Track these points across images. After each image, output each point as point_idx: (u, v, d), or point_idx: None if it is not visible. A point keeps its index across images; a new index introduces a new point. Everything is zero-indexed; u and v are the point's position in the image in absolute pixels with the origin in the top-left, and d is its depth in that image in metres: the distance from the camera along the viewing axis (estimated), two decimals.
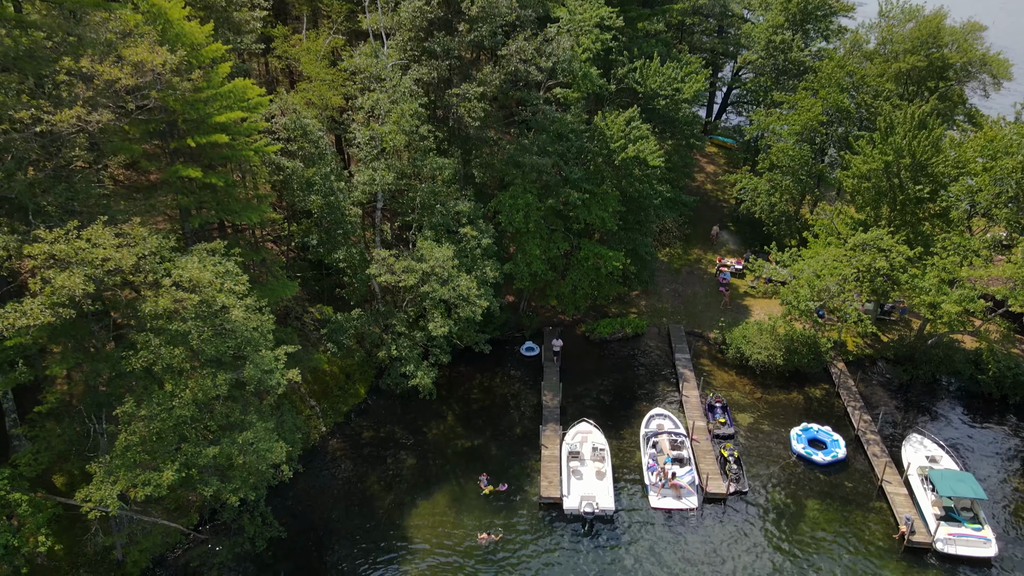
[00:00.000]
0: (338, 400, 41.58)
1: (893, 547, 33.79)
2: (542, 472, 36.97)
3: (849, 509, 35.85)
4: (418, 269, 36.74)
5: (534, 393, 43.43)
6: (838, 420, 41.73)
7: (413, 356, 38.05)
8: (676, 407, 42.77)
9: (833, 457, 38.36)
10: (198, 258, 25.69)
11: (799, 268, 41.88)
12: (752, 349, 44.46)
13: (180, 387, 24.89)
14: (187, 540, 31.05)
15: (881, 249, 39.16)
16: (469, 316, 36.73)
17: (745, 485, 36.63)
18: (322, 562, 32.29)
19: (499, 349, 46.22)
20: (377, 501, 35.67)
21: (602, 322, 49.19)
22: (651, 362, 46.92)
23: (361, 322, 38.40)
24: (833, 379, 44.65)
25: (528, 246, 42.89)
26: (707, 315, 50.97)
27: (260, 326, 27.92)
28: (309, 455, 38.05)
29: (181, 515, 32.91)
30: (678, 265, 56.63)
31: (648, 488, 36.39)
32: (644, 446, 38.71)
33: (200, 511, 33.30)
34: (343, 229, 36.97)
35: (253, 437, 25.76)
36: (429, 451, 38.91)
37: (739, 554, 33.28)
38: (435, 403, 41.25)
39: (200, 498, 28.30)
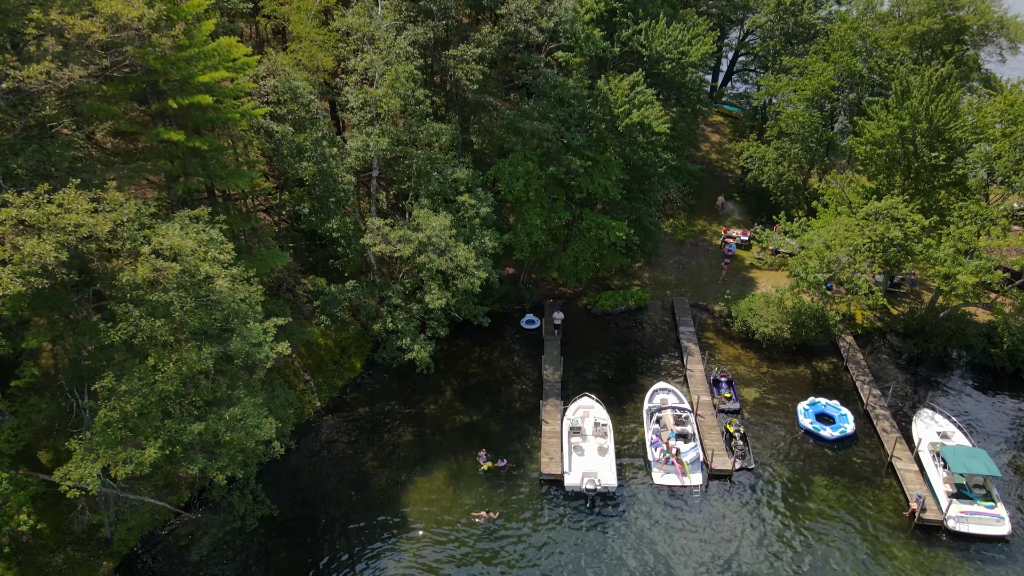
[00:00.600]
0: (333, 374, 40.47)
1: (903, 525, 32.88)
2: (542, 448, 35.97)
3: (858, 486, 34.91)
4: (414, 239, 35.35)
5: (534, 367, 42.31)
6: (846, 395, 40.66)
7: (410, 329, 36.83)
8: (680, 381, 41.67)
9: (841, 432, 37.34)
10: (180, 225, 24.31)
11: (808, 238, 40.47)
12: (758, 322, 43.25)
13: (163, 361, 23.68)
14: (177, 518, 30.07)
15: (895, 218, 37.71)
16: (467, 288, 35.43)
17: (751, 461, 35.64)
18: (316, 540, 31.38)
19: (499, 322, 45.03)
20: (373, 478, 34.71)
21: (604, 294, 47.94)
22: (654, 335, 45.75)
23: (356, 294, 37.11)
24: (841, 353, 43.50)
25: (528, 215, 41.46)
26: (712, 287, 49.69)
27: (248, 297, 26.67)
28: (303, 431, 37.04)
29: (171, 492, 31.96)
30: (682, 236, 55.22)
31: (651, 464, 35.41)
32: (647, 421, 37.67)
33: (191, 488, 32.35)
34: (336, 197, 35.50)
35: (241, 413, 24.62)
36: (427, 426, 37.90)
37: (744, 531, 32.39)
38: (433, 377, 40.16)
39: (190, 475, 27.24)
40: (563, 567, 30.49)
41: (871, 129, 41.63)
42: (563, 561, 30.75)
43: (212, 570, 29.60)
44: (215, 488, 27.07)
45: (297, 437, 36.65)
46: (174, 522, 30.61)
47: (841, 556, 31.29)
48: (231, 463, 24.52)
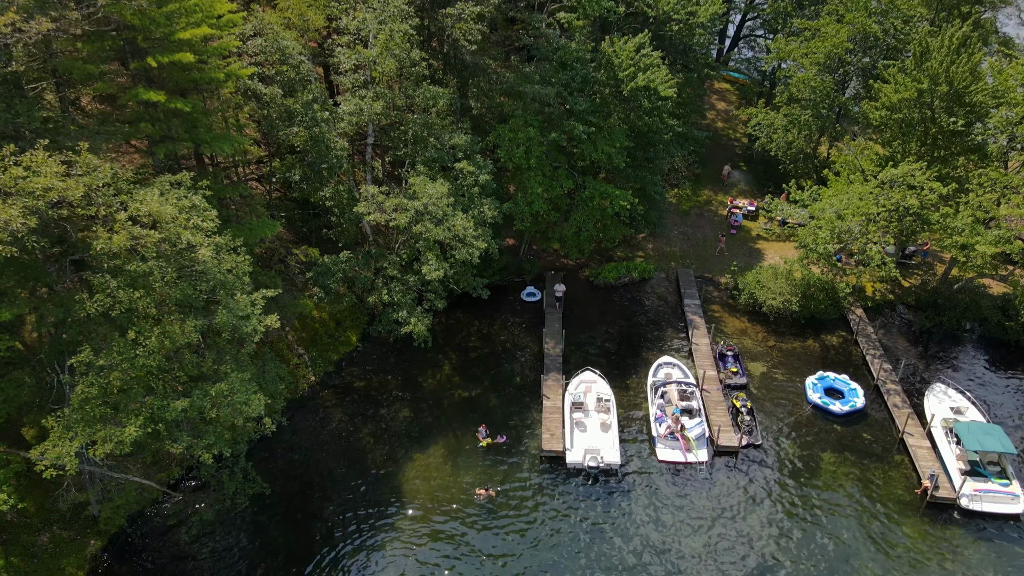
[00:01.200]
0: (328, 348, 39.32)
1: (915, 503, 31.93)
2: (543, 424, 34.92)
3: (868, 462, 33.92)
4: (410, 207, 33.95)
5: (535, 341, 41.15)
6: (856, 369, 39.53)
7: (406, 301, 35.54)
8: (685, 355, 40.52)
9: (851, 407, 36.26)
10: (160, 191, 22.88)
11: (819, 208, 39.01)
12: (766, 295, 41.96)
13: (144, 334, 22.44)
14: (165, 497, 29.05)
15: (911, 186, 36.19)
16: (466, 259, 34.09)
17: (758, 437, 34.62)
18: (310, 518, 30.46)
19: (498, 295, 43.78)
20: (369, 454, 33.73)
21: (607, 266, 46.60)
22: (659, 308, 44.51)
23: (350, 265, 35.76)
24: (851, 326, 42.28)
25: (529, 184, 39.95)
26: (717, 259, 48.32)
27: (235, 268, 25.35)
28: (297, 406, 35.97)
29: (161, 469, 30.98)
30: (687, 207, 53.72)
31: (655, 440, 34.39)
32: (651, 396, 36.58)
33: (182, 465, 31.35)
34: (328, 164, 33.96)
35: (228, 389, 23.43)
36: (424, 401, 36.83)
37: (751, 509, 31.46)
38: (431, 351, 39.01)
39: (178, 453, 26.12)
40: (564, 545, 29.60)
41: (887, 93, 39.90)
42: (564, 539, 29.85)
43: (203, 549, 28.73)
44: (204, 466, 25.95)
45: (291, 412, 35.58)
46: (163, 500, 29.66)
47: (850, 535, 30.38)
48: (218, 441, 23.39)
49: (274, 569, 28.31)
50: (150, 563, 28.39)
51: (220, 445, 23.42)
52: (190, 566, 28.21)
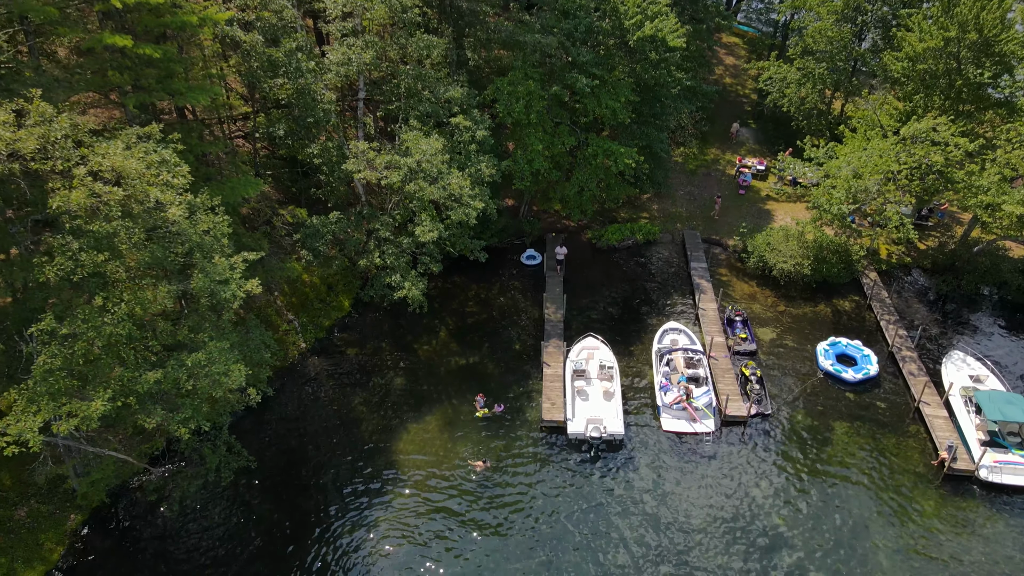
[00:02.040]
0: (319, 313, 37.67)
1: (931, 475, 30.60)
2: (544, 393, 33.45)
3: (882, 432, 32.52)
4: (403, 165, 31.96)
5: (535, 306, 39.49)
6: (869, 335, 37.94)
7: (400, 265, 33.77)
8: (692, 321, 38.90)
9: (864, 374, 34.75)
10: (124, 144, 20.92)
11: (836, 166, 36.97)
12: (776, 258, 40.16)
13: (113, 301, 20.73)
14: (146, 470, 27.65)
15: (935, 142, 34.10)
16: (462, 220, 32.24)
17: (768, 406, 33.16)
18: (300, 491, 29.15)
19: (497, 257, 42.04)
20: (362, 424, 32.31)
21: (610, 228, 44.72)
22: (664, 272, 42.76)
23: (340, 227, 33.88)
24: (864, 290, 40.56)
25: (529, 141, 37.83)
26: (725, 220, 46.40)
27: (213, 229, 23.55)
28: (286, 374, 34.48)
29: (145, 440, 29.56)
30: (693, 166, 51.61)
31: (660, 410, 32.94)
32: (657, 363, 35.04)
33: (168, 435, 29.96)
34: (314, 118, 31.84)
35: (205, 359, 21.80)
36: (419, 369, 35.32)
37: (759, 481, 30.15)
38: (426, 317, 37.39)
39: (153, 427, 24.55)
40: (565, 519, 28.33)
41: (911, 41, 37.51)
42: (565, 513, 28.57)
43: (189, 524, 27.43)
44: (184, 440, 24.38)
45: (280, 381, 34.12)
46: (148, 473, 28.26)
47: (863, 508, 29.10)
48: (195, 415, 21.84)
49: (263, 545, 27.09)
50: (134, 539, 27.15)
51: (198, 419, 21.89)
52: (176, 542, 26.95)
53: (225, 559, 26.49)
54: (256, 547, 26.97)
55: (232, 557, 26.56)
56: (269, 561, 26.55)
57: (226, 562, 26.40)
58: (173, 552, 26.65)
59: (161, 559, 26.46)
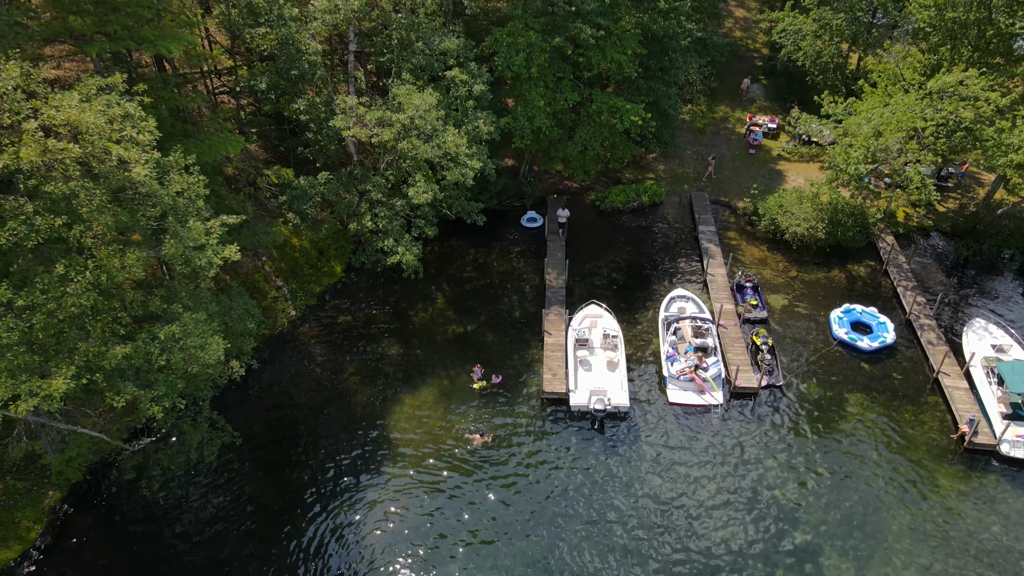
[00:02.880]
0: (309, 279, 35.96)
1: (950, 449, 29.24)
2: (545, 363, 31.93)
3: (898, 404, 31.08)
4: (395, 121, 29.91)
5: (536, 271, 37.76)
6: (886, 302, 36.27)
7: (393, 228, 31.95)
8: (700, 287, 37.20)
9: (880, 343, 33.19)
10: (82, 96, 18.94)
11: (856, 123, 34.84)
12: (789, 221, 38.27)
13: (76, 269, 19.01)
14: (130, 445, 26.20)
15: (964, 97, 31.94)
16: (458, 180, 30.32)
17: (779, 377, 31.65)
18: (290, 467, 27.83)
19: (496, 220, 40.18)
20: (354, 396, 30.88)
21: (615, 189, 42.72)
22: (671, 235, 40.91)
23: (330, 188, 31.94)
24: (881, 255, 38.76)
25: (530, 96, 35.60)
26: (735, 181, 44.38)
27: (187, 190, 21.69)
28: (275, 343, 32.94)
29: (128, 412, 28.09)
30: (702, 124, 49.34)
31: (667, 380, 31.46)
32: (663, 332, 33.45)
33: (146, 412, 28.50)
34: (299, 70, 29.67)
35: (180, 331, 20.16)
36: (415, 338, 33.75)
37: (770, 456, 28.81)
38: (422, 283, 35.70)
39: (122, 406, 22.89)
40: (566, 496, 27.05)
41: None
42: (566, 489, 27.28)
43: (175, 503, 26.13)
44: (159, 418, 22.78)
45: (269, 350, 32.62)
46: (130, 449, 26.82)
47: (878, 483, 27.80)
48: (170, 392, 20.28)
49: (253, 523, 25.83)
50: (117, 516, 25.90)
51: (172, 397, 20.33)
52: (161, 520, 25.70)
53: (215, 538, 25.27)
54: (247, 526, 25.73)
55: (222, 536, 25.34)
56: (261, 540, 25.34)
57: (216, 541, 25.19)
58: (159, 531, 25.43)
59: (146, 539, 25.24)
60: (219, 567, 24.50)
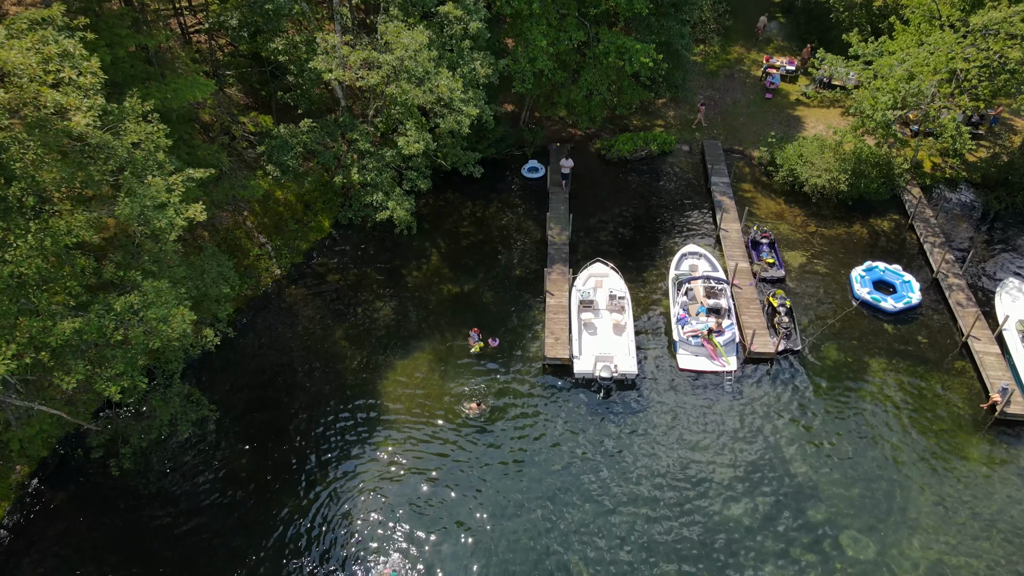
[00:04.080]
0: (295, 236, 33.61)
1: (979, 419, 27.39)
2: (547, 326, 29.87)
3: (924, 370, 29.12)
4: (383, 63, 27.11)
5: (538, 226, 35.37)
6: (911, 259, 33.99)
7: (383, 181, 29.44)
8: (712, 244, 34.86)
9: (905, 303, 31.04)
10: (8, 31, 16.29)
11: (888, 64, 31.92)
12: (809, 171, 35.65)
13: (16, 233, 16.72)
14: (92, 427, 24.20)
15: (1012, 35, 28.97)
16: (453, 129, 27.68)
17: (797, 342, 29.61)
18: (274, 438, 26.05)
19: (495, 171, 37.59)
20: (344, 361, 28.94)
21: (621, 137, 39.94)
22: (681, 187, 38.33)
23: (313, 137, 29.29)
24: (906, 208, 36.26)
25: (531, 35, 32.55)
26: (750, 128, 41.53)
27: (144, 141, 19.21)
28: (259, 305, 30.85)
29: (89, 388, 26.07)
30: (715, 66, 46.16)
31: (677, 345, 29.45)
32: (673, 292, 31.28)
33: None
34: (273, 4, 26.69)
35: (140, 302, 17.98)
36: (408, 299, 31.64)
37: (786, 425, 27.00)
38: (416, 238, 33.41)
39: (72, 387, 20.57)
40: (570, 469, 25.32)
41: None
42: (570, 462, 25.54)
43: (153, 478, 24.40)
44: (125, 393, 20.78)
45: (252, 312, 30.58)
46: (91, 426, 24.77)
47: (901, 455, 26.04)
48: (129, 370, 18.21)
49: (233, 496, 24.18)
50: (89, 492, 24.23)
51: (133, 375, 18.27)
52: (139, 496, 24.04)
53: (194, 513, 23.64)
54: (227, 500, 24.09)
55: (201, 510, 23.72)
56: (242, 516, 23.73)
57: (195, 516, 23.57)
58: (135, 506, 23.78)
59: (121, 514, 23.61)
60: (199, 543, 22.93)
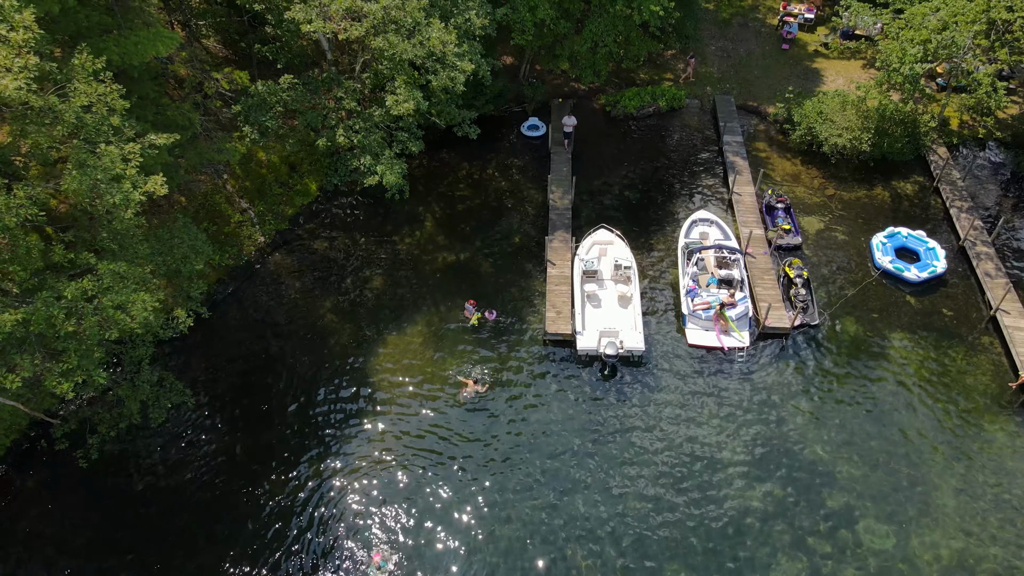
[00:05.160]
0: (279, 200, 31.55)
1: (1005, 399, 25.77)
2: (548, 298, 28.05)
3: (948, 345, 27.39)
4: (369, 12, 24.62)
5: (538, 189, 33.25)
6: (936, 226, 31.93)
7: (371, 143, 27.21)
8: (724, 208, 32.77)
9: (930, 272, 29.16)
10: None
11: (922, 12, 29.31)
12: (829, 130, 33.28)
13: None
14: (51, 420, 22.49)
15: None
16: (447, 86, 25.36)
17: (815, 315, 27.82)
18: (258, 418, 24.51)
19: (493, 129, 35.31)
20: (332, 336, 27.24)
21: (628, 92, 37.41)
22: (691, 147, 36.01)
23: (294, 95, 26.94)
24: (931, 170, 34.02)
25: None
26: (765, 82, 38.92)
27: (96, 104, 17.07)
28: (242, 275, 29.02)
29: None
30: (727, 14, 43.24)
31: (685, 319, 27.67)
32: (683, 262, 29.35)
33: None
34: None
35: (94, 287, 16.11)
36: (400, 267, 29.77)
37: (801, 406, 25.42)
38: (408, 203, 31.37)
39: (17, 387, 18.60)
40: (572, 452, 23.82)
41: None
42: (572, 444, 24.02)
43: (131, 464, 22.99)
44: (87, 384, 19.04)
45: (235, 283, 28.79)
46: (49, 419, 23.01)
47: (922, 437, 24.50)
48: (84, 363, 16.43)
49: (215, 482, 22.75)
50: (61, 480, 22.80)
51: (89, 370, 16.51)
52: (114, 484, 22.62)
53: (174, 500, 22.25)
54: (209, 486, 22.65)
55: (182, 498, 22.31)
56: (226, 502, 22.30)
57: (175, 503, 22.17)
58: (109, 494, 22.37)
59: (96, 505, 22.21)
60: (177, 531, 21.59)
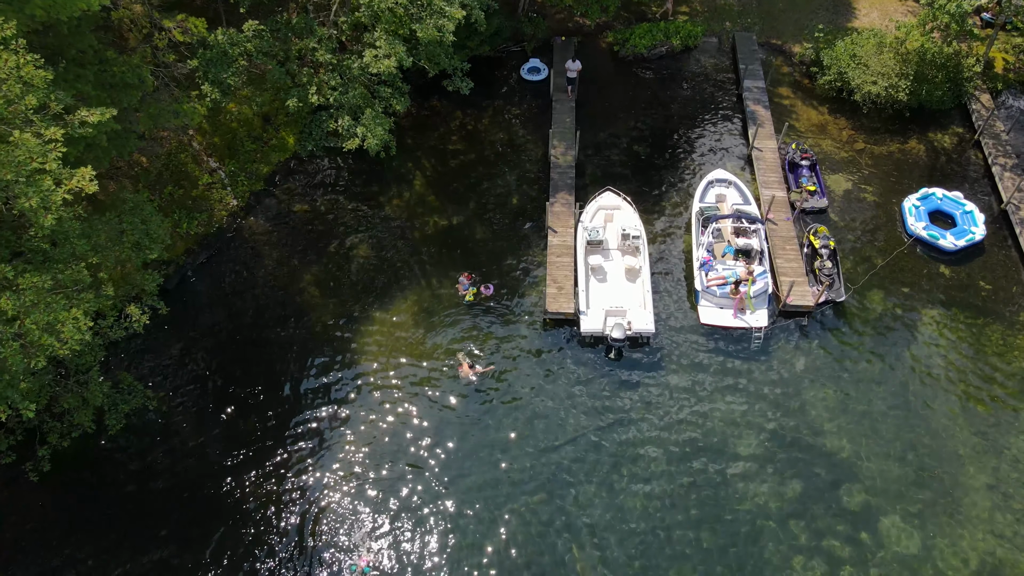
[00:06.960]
0: (253, 158, 28.58)
1: None
2: (548, 272, 25.61)
3: (984, 323, 25.13)
4: None
5: (539, 141, 30.24)
6: (974, 184, 29.12)
7: (350, 100, 24.08)
8: (742, 165, 29.82)
9: (967, 240, 26.60)
10: None
11: None
12: (864, 76, 29.92)
13: None
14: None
15: None
16: (433, 38, 22.07)
17: (841, 291, 25.42)
18: (233, 404, 22.56)
19: (489, 72, 32.01)
20: (313, 311, 24.99)
21: (638, 29, 33.69)
22: (708, 93, 32.65)
23: (260, 44, 23.58)
24: (972, 121, 30.85)
25: None
26: (791, 16, 35.10)
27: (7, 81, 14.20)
28: (213, 244, 26.50)
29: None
30: None
31: (699, 295, 25.30)
32: (697, 230, 26.73)
33: None
34: None
35: (14, 306, 13.69)
36: (388, 234, 27.21)
37: (822, 392, 23.40)
38: (396, 159, 28.49)
39: None
40: (575, 442, 21.97)
41: None
42: (575, 434, 22.15)
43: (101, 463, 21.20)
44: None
45: (205, 254, 26.33)
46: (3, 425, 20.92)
47: (954, 426, 22.60)
48: (8, 394, 14.17)
49: (188, 479, 21.03)
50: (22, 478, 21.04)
51: (13, 398, 14.28)
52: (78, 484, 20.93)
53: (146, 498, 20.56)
54: (182, 482, 20.92)
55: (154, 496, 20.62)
56: (208, 508, 20.59)
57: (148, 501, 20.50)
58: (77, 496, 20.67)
59: (62, 507, 20.53)
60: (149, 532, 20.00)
